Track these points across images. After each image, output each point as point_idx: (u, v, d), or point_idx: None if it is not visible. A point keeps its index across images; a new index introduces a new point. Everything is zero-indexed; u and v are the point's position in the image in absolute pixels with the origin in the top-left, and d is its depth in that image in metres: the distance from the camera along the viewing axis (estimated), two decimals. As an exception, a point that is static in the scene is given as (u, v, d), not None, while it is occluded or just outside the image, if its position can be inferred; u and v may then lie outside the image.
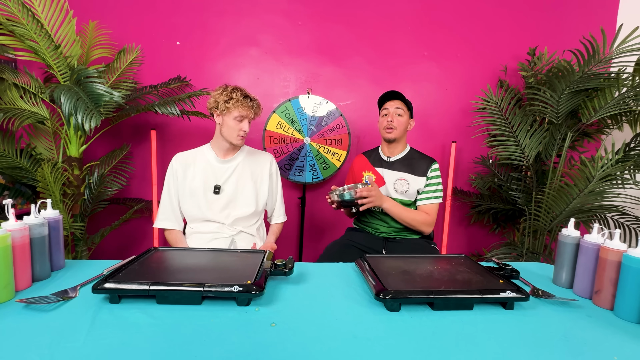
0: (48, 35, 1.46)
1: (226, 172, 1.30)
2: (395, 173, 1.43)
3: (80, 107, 1.35)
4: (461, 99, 2.05)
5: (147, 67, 1.89)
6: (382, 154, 1.49)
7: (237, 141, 1.27)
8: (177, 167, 1.30)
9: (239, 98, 1.23)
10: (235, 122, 1.24)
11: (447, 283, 0.77)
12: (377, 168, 1.46)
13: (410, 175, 1.41)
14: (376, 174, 1.46)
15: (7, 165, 1.53)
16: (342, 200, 1.27)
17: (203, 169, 1.30)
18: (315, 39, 1.95)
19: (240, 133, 1.25)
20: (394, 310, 0.68)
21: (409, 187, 1.40)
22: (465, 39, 2.02)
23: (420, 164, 1.43)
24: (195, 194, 1.28)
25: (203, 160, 1.31)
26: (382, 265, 0.86)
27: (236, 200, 1.29)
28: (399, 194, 1.41)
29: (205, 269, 0.82)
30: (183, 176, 1.29)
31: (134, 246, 2.03)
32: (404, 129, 1.42)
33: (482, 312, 0.70)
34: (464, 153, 2.10)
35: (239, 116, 1.23)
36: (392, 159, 1.46)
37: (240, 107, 1.23)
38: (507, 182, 1.98)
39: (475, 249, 2.16)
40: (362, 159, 1.54)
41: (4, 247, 0.66)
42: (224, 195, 1.29)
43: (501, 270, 0.85)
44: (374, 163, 1.48)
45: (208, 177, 1.29)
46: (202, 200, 1.27)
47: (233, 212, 1.29)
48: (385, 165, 1.45)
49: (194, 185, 1.28)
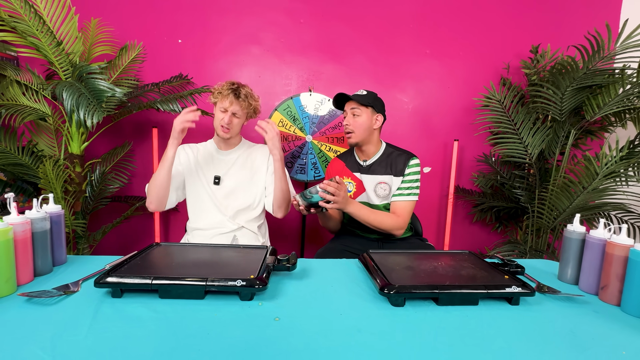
0: (50, 32, 1.45)
1: (226, 164, 1.33)
2: (375, 177, 1.33)
3: (83, 103, 1.35)
4: (463, 97, 2.05)
5: (149, 65, 1.88)
6: (357, 158, 1.39)
7: (220, 132, 1.28)
8: (188, 150, 1.35)
9: (223, 90, 1.25)
10: (219, 112, 1.27)
11: (452, 278, 0.76)
12: (355, 173, 1.37)
13: (390, 177, 1.32)
14: (355, 179, 1.36)
15: (8, 162, 1.53)
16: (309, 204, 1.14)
17: (205, 159, 1.34)
18: (317, 37, 1.95)
19: (222, 123, 1.26)
20: (399, 305, 0.68)
21: (390, 190, 1.32)
22: (467, 37, 2.01)
23: (398, 161, 1.32)
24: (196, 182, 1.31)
25: (206, 152, 1.36)
26: (386, 260, 0.86)
27: (236, 192, 1.31)
28: (380, 198, 1.33)
29: (208, 263, 0.81)
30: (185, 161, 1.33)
31: (135, 244, 2.03)
32: (365, 129, 1.30)
33: (487, 307, 0.69)
34: (466, 151, 2.09)
35: (222, 107, 1.25)
36: (368, 162, 1.36)
37: (223, 98, 1.24)
38: (509, 180, 1.97)
39: (477, 248, 2.15)
40: (338, 163, 1.43)
41: (6, 241, 0.66)
42: (224, 187, 1.31)
43: (506, 266, 0.85)
44: (352, 168, 1.38)
45: (209, 167, 1.33)
46: (203, 190, 1.30)
47: (233, 204, 1.30)
48: (363, 170, 1.36)
49: (196, 173, 1.32)
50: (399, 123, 2.04)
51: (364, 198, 1.36)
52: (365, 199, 1.36)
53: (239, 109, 1.26)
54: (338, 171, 1.41)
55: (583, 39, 1.63)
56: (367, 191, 1.35)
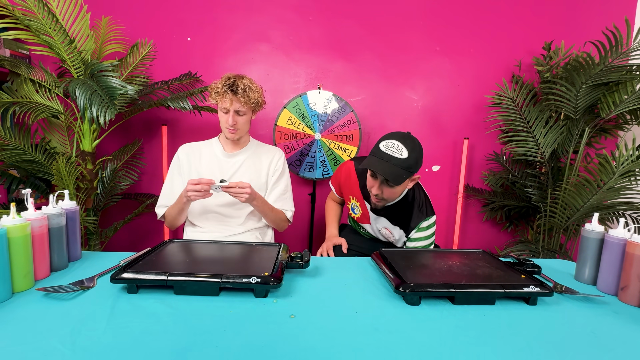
0: (63, 30, 1.45)
1: (232, 166, 1.27)
2: (382, 220, 1.23)
3: (95, 101, 1.35)
4: (474, 95, 2.02)
5: (159, 63, 1.89)
6: None
7: (227, 134, 1.22)
8: (182, 159, 1.28)
9: (219, 89, 1.15)
10: (222, 114, 1.19)
11: (468, 277, 0.75)
12: (366, 202, 1.24)
13: (395, 227, 1.21)
14: (363, 208, 1.25)
15: (22, 159, 1.54)
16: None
17: (209, 162, 1.27)
18: (326, 35, 1.94)
19: (227, 125, 1.18)
20: (414, 304, 0.67)
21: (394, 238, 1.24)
22: (478, 34, 1.99)
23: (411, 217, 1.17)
24: None
25: (210, 153, 1.29)
26: (400, 259, 0.85)
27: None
28: (384, 237, 1.28)
29: (222, 260, 0.81)
30: (188, 168, 1.26)
31: (145, 240, 2.04)
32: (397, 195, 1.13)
33: (504, 307, 0.68)
34: (476, 150, 2.07)
35: (223, 108, 1.18)
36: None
37: (221, 98, 1.15)
38: (521, 178, 1.94)
39: (487, 247, 2.13)
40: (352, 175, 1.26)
41: (24, 236, 0.67)
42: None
43: (522, 266, 0.83)
44: (365, 195, 1.22)
45: (213, 170, 1.26)
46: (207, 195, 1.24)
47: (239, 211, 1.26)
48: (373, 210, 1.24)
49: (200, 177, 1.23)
50: (408, 120, 2.03)
51: (369, 228, 1.30)
52: (369, 229, 1.31)
53: (240, 105, 1.16)
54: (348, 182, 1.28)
55: (597, 36, 1.59)
56: (372, 226, 1.27)
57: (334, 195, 1.44)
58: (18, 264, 0.66)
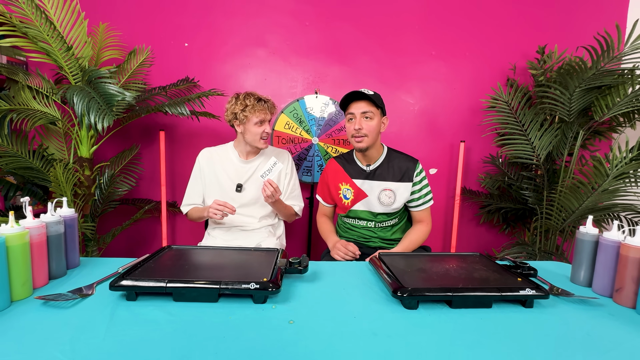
0: (60, 37, 1.45)
1: (247, 172, 1.39)
2: (379, 183, 1.29)
3: (93, 107, 1.35)
4: (470, 98, 2.04)
5: (156, 69, 1.89)
6: (359, 163, 1.33)
7: (262, 145, 1.34)
8: (203, 163, 1.41)
9: (253, 104, 1.28)
10: (256, 127, 1.30)
11: (465, 281, 0.76)
12: (355, 180, 1.31)
13: (395, 183, 1.28)
14: (354, 187, 1.31)
15: (19, 165, 1.54)
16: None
17: (226, 167, 1.39)
18: (323, 39, 1.95)
19: (263, 136, 1.32)
20: (412, 308, 0.68)
21: (395, 198, 1.28)
22: (473, 38, 2.01)
23: (402, 166, 1.29)
24: (219, 189, 1.37)
25: (227, 159, 1.41)
26: (397, 263, 0.86)
27: (258, 201, 1.39)
28: (384, 206, 1.28)
29: (221, 266, 0.82)
30: (207, 172, 1.40)
31: (143, 246, 2.04)
32: (376, 133, 1.24)
33: (501, 310, 0.69)
34: (472, 152, 2.09)
35: (258, 121, 1.29)
36: (371, 166, 1.31)
37: (258, 111, 1.28)
38: (517, 181, 1.96)
39: (484, 249, 2.14)
40: (335, 167, 1.37)
41: (23, 244, 0.67)
42: (246, 195, 1.38)
43: (518, 269, 0.85)
44: (352, 174, 1.32)
45: (231, 175, 1.38)
46: (225, 197, 1.35)
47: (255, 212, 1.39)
48: (367, 176, 1.30)
49: (218, 181, 1.38)
50: (405, 124, 2.03)
51: (365, 205, 1.30)
52: (365, 206, 1.31)
53: (271, 115, 1.34)
54: (334, 174, 1.36)
55: (589, 40, 1.61)
56: (370, 198, 1.30)
57: (324, 208, 1.46)
58: (16, 272, 0.65)
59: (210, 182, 1.39)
